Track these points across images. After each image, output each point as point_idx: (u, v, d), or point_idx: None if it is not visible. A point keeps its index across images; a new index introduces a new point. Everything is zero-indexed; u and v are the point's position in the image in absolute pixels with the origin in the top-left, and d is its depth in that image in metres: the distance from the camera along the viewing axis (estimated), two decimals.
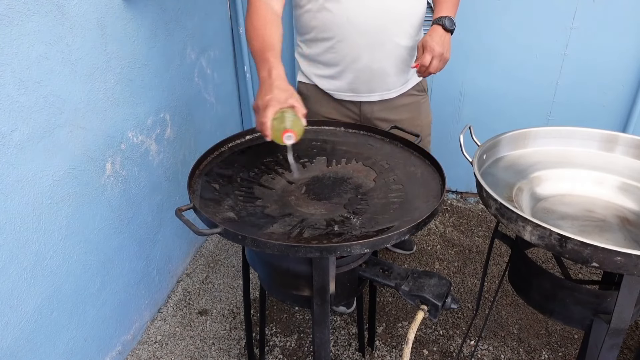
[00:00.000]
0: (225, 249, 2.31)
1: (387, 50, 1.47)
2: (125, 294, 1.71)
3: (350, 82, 1.53)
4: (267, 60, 1.13)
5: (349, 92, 1.56)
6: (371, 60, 1.48)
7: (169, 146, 1.90)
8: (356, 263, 1.14)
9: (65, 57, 1.31)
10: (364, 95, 1.57)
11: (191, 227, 0.96)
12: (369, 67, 1.49)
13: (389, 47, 1.47)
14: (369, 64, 1.48)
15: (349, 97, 1.58)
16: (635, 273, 0.86)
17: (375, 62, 1.48)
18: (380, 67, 1.50)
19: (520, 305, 1.92)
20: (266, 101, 1.05)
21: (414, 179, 1.19)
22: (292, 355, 1.75)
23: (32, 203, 1.25)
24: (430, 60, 1.37)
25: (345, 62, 1.49)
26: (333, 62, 1.50)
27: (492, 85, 2.32)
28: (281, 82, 1.09)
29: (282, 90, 1.07)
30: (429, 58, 1.37)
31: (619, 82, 2.15)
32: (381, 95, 1.58)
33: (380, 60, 1.49)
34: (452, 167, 1.58)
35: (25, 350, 1.28)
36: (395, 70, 1.53)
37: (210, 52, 2.19)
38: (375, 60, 1.48)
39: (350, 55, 1.47)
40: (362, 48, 1.45)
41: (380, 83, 1.54)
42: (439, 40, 1.39)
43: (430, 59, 1.37)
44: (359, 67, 1.49)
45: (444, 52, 1.38)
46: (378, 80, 1.53)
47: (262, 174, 1.23)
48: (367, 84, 1.54)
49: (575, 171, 1.22)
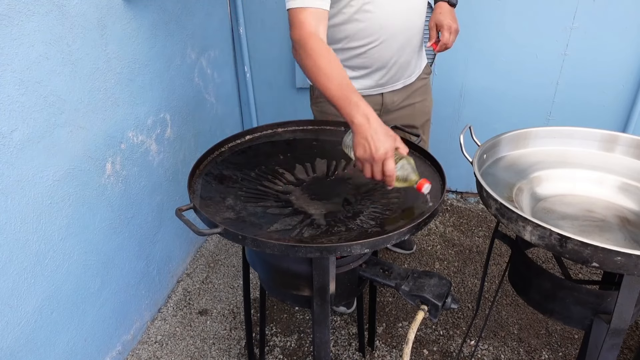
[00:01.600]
0: (225, 249, 2.31)
1: (412, 45, 1.51)
2: (125, 294, 1.71)
3: (378, 79, 1.54)
4: (357, 105, 1.04)
5: (375, 87, 1.57)
6: (400, 57, 1.50)
7: (169, 146, 1.90)
8: (356, 263, 1.14)
9: (65, 57, 1.31)
10: (389, 86, 1.58)
11: (191, 227, 0.96)
12: (398, 63, 1.51)
13: (413, 42, 1.50)
14: (397, 61, 1.50)
15: (374, 92, 1.58)
16: (635, 273, 0.86)
17: (402, 57, 1.51)
18: (406, 61, 1.53)
19: (520, 305, 1.92)
20: (382, 154, 1.01)
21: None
22: (292, 355, 1.75)
23: (32, 203, 1.25)
24: (449, 37, 1.43)
25: (376, 65, 1.49)
26: (362, 66, 1.50)
27: (492, 85, 2.32)
28: (383, 127, 1.03)
29: (389, 137, 1.03)
30: (448, 35, 1.43)
31: (619, 82, 2.15)
32: (404, 83, 1.60)
33: (406, 55, 1.51)
34: (452, 167, 1.58)
35: (25, 350, 1.28)
36: (416, 57, 1.57)
37: (210, 52, 2.19)
38: (402, 56, 1.50)
39: (383, 58, 1.47)
40: (395, 50, 1.46)
41: (403, 72, 1.57)
42: (451, 16, 1.44)
43: (449, 36, 1.43)
44: (389, 66, 1.50)
45: (457, 26, 1.45)
46: (403, 71, 1.56)
47: (262, 174, 1.23)
48: (393, 77, 1.56)
49: (575, 171, 1.22)
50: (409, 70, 1.58)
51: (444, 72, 2.35)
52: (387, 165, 1.01)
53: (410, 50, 1.52)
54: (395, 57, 1.49)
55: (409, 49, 1.51)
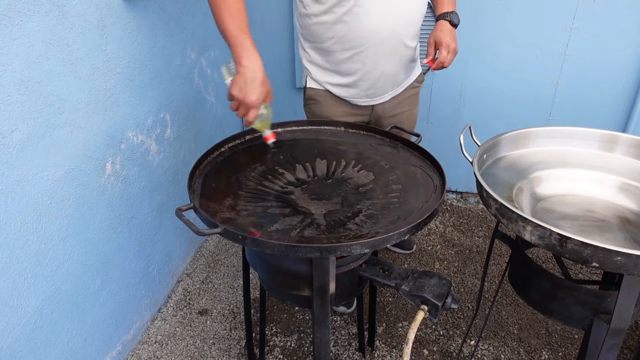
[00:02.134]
0: (225, 249, 2.31)
1: (400, 54, 1.50)
2: (125, 294, 1.71)
3: (367, 89, 1.54)
4: (249, 50, 1.17)
5: (365, 97, 1.57)
6: (387, 66, 1.49)
7: (169, 146, 1.90)
8: (356, 263, 1.14)
9: (65, 57, 1.31)
10: (378, 98, 1.59)
11: (191, 227, 0.96)
12: (385, 73, 1.51)
13: (402, 51, 1.49)
14: (385, 70, 1.50)
15: (364, 103, 1.59)
16: (635, 273, 0.86)
17: (390, 66, 1.50)
18: (394, 71, 1.53)
19: (520, 305, 1.92)
20: (252, 101, 1.16)
21: (413, 179, 1.19)
22: (292, 355, 1.75)
23: (32, 203, 1.25)
24: (446, 55, 1.41)
25: (363, 71, 1.49)
26: (351, 72, 1.50)
27: (492, 85, 2.32)
28: (261, 77, 1.17)
29: (263, 88, 1.17)
30: (445, 54, 1.40)
31: (619, 82, 2.15)
32: (392, 94, 1.60)
33: (394, 64, 1.51)
34: (452, 167, 1.58)
35: (25, 350, 1.28)
36: (405, 69, 1.56)
37: (210, 52, 2.19)
38: (390, 65, 1.50)
39: (370, 64, 1.47)
40: (381, 56, 1.46)
41: (392, 84, 1.57)
42: (451, 35, 1.43)
43: (447, 55, 1.41)
44: (376, 75, 1.50)
45: (456, 46, 1.43)
46: (391, 82, 1.56)
47: (262, 174, 1.23)
48: (382, 88, 1.56)
49: (575, 171, 1.22)
50: (396, 81, 1.57)
51: (444, 72, 2.34)
52: (251, 112, 1.17)
53: (398, 60, 1.50)
54: (382, 67, 1.48)
55: (397, 59, 1.49)
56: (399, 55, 1.49)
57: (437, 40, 1.41)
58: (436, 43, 1.42)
